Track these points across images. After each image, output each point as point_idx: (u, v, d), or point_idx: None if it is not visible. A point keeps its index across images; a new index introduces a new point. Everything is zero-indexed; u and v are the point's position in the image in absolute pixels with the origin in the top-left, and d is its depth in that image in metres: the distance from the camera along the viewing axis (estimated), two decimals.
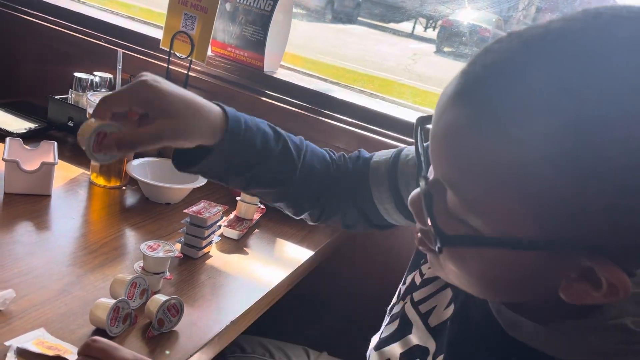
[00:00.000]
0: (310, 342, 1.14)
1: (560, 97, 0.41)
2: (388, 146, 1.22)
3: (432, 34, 2.59)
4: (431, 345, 0.67)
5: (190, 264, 0.96)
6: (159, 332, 0.77)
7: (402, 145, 1.21)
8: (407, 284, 0.76)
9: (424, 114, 0.55)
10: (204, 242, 0.98)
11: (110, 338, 0.73)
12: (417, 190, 0.52)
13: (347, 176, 0.86)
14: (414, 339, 0.70)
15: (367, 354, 0.78)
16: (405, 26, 2.67)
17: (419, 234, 0.55)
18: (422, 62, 2.48)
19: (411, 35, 2.64)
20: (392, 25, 2.70)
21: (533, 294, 0.50)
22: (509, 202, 0.44)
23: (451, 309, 0.66)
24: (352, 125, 1.28)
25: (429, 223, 0.48)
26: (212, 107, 0.72)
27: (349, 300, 1.34)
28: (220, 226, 1.04)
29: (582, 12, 0.45)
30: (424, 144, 0.53)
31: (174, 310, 0.78)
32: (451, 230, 0.48)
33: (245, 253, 1.05)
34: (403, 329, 0.72)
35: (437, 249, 0.47)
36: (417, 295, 0.72)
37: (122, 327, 0.75)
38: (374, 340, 0.79)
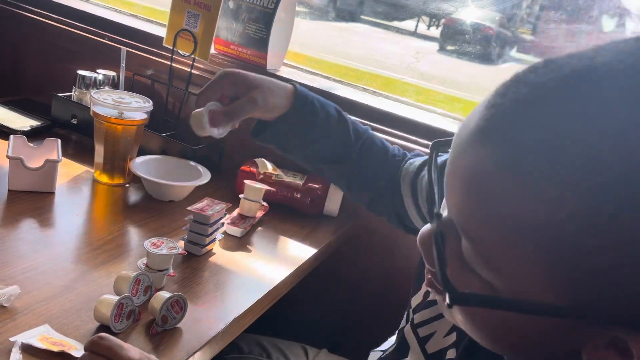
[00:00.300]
0: (310, 340, 1.14)
1: (605, 150, 0.35)
2: (392, 144, 1.22)
3: (435, 32, 2.59)
4: None
5: (194, 261, 0.96)
6: (162, 329, 0.77)
7: (408, 144, 1.22)
8: (412, 306, 0.73)
9: (441, 139, 0.48)
10: (207, 240, 0.98)
11: (114, 334, 0.73)
12: (428, 227, 0.46)
13: (395, 166, 0.91)
14: None
15: None
16: (409, 24, 2.66)
17: (428, 275, 0.50)
18: (425, 60, 2.47)
19: (414, 34, 2.64)
20: (395, 23, 2.70)
21: (550, 355, 0.44)
22: (532, 263, 0.38)
23: (451, 337, 0.63)
24: None
25: (439, 275, 0.42)
26: (286, 84, 0.88)
27: (350, 299, 1.34)
28: (223, 224, 1.04)
29: (636, 41, 0.39)
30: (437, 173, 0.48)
31: (178, 307, 0.79)
32: (463, 283, 0.43)
33: (248, 251, 1.05)
34: (399, 351, 0.70)
35: (446, 304, 0.41)
36: (417, 318, 0.69)
37: (125, 323, 0.76)
38: (374, 355, 0.77)
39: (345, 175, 0.92)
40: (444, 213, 0.45)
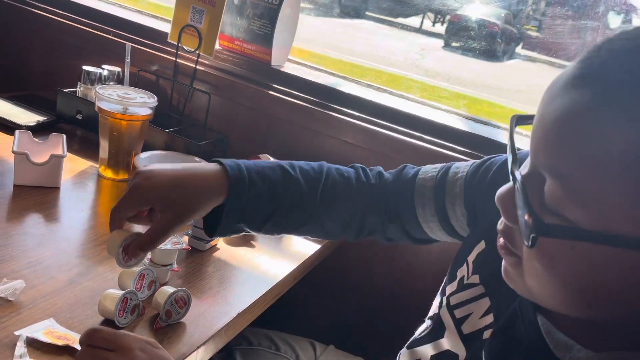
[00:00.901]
0: (316, 335, 1.15)
1: None
2: (395, 140, 1.22)
3: (440, 28, 2.58)
4: (461, 353, 0.66)
5: (198, 256, 0.97)
6: (166, 324, 0.78)
7: (413, 140, 1.22)
8: (446, 294, 0.73)
9: (520, 114, 0.52)
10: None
11: (118, 329, 0.73)
12: (508, 185, 0.50)
13: (389, 194, 0.82)
14: (445, 343, 0.68)
15: (398, 356, 0.76)
16: (414, 21, 2.66)
17: (501, 239, 0.52)
18: (430, 57, 2.47)
19: (419, 30, 2.63)
20: (400, 19, 2.69)
21: (626, 310, 0.45)
22: (623, 195, 0.41)
23: (487, 319, 0.64)
24: (360, 120, 1.28)
25: (525, 214, 0.45)
26: (212, 173, 0.74)
27: (355, 293, 1.34)
28: None
29: None
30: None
31: (182, 302, 0.79)
32: (547, 220, 0.45)
33: (252, 246, 1.05)
34: (436, 332, 0.71)
35: (529, 242, 0.44)
36: (453, 300, 0.70)
37: (130, 318, 0.76)
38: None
39: (320, 228, 0.83)
40: (523, 171, 0.48)
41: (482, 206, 0.73)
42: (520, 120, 0.52)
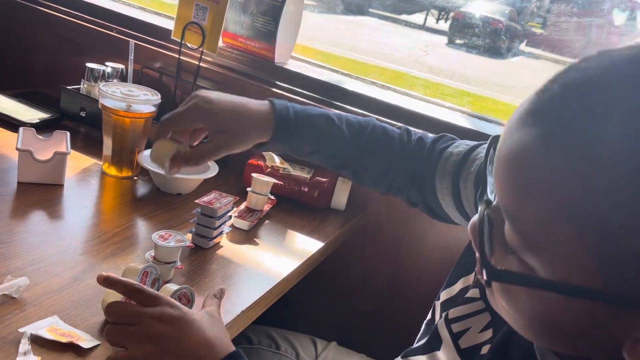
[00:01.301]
0: (318, 333, 1.15)
1: None
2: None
3: (444, 25, 2.57)
4: None
5: (201, 254, 0.97)
6: None
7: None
8: (441, 299, 0.74)
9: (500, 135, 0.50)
10: (215, 233, 0.98)
11: None
12: (477, 216, 0.48)
13: (418, 159, 0.86)
14: (441, 356, 0.67)
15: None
16: (417, 18, 2.65)
17: (478, 265, 0.51)
18: (433, 54, 2.46)
19: (423, 27, 2.63)
20: (403, 16, 2.69)
21: (590, 349, 0.45)
22: (572, 244, 0.39)
23: (487, 334, 0.63)
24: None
25: (479, 253, 0.44)
26: (263, 112, 0.81)
27: (357, 291, 1.34)
28: (230, 217, 1.04)
29: None
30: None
31: (185, 300, 0.79)
32: (503, 264, 0.44)
33: (256, 244, 1.05)
34: (432, 344, 0.70)
35: (484, 281, 0.44)
36: (452, 313, 0.69)
37: None
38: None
39: (354, 176, 0.91)
40: (494, 201, 0.47)
41: None
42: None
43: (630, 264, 0.37)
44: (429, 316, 0.77)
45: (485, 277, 0.43)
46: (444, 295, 0.73)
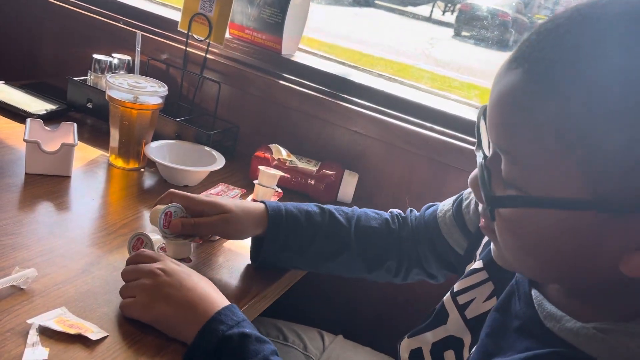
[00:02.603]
0: (325, 325, 1.15)
1: (619, 56, 0.43)
2: (406, 131, 1.22)
3: (450, 18, 2.56)
4: (466, 337, 0.68)
5: (208, 246, 0.97)
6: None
7: (424, 130, 1.21)
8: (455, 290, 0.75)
9: (484, 106, 0.56)
10: None
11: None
12: (475, 171, 0.55)
13: (418, 233, 0.92)
14: (449, 329, 0.70)
15: (399, 342, 0.79)
16: (423, 10, 2.64)
17: (482, 220, 0.57)
18: (440, 46, 2.45)
19: (429, 19, 2.62)
20: (409, 8, 2.67)
21: (591, 268, 0.49)
22: (559, 161, 0.45)
23: (491, 302, 0.66)
24: (371, 110, 1.27)
25: (482, 191, 0.50)
26: (257, 205, 0.90)
27: (364, 284, 1.34)
28: None
29: None
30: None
31: (168, 217, 0.85)
32: (507, 194, 0.50)
33: None
34: (438, 318, 0.73)
35: (488, 213, 0.50)
36: (457, 286, 0.72)
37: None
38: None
39: (354, 260, 0.92)
40: (489, 153, 0.54)
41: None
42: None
43: (613, 170, 0.43)
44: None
45: (489, 210, 0.50)
46: (457, 287, 0.75)
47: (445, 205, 0.92)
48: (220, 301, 0.74)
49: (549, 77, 0.45)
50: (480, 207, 0.58)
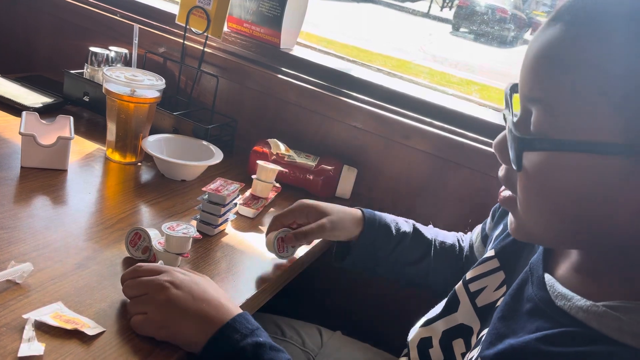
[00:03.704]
0: (324, 322, 1.14)
1: None
2: (405, 126, 1.21)
3: (448, 13, 2.56)
4: (475, 325, 0.69)
5: (206, 241, 0.96)
6: None
7: (423, 126, 1.20)
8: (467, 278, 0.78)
9: (514, 82, 0.59)
10: (220, 220, 0.97)
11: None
12: (501, 134, 0.57)
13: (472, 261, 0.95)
14: (459, 317, 0.72)
15: (410, 332, 0.80)
16: (421, 5, 2.64)
17: (502, 193, 0.60)
18: (437, 42, 2.45)
19: (427, 15, 2.61)
20: (407, 4, 2.67)
21: (611, 226, 0.51)
22: (595, 105, 0.47)
23: (501, 291, 0.67)
24: (370, 105, 1.27)
25: (512, 141, 0.52)
26: (353, 209, 0.98)
27: (363, 280, 1.34)
28: (236, 204, 1.03)
29: None
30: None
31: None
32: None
33: (261, 231, 1.04)
34: (449, 307, 0.75)
35: (517, 164, 0.52)
36: (469, 274, 0.74)
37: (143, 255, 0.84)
38: (421, 320, 0.81)
39: (429, 272, 0.99)
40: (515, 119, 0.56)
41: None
42: (514, 87, 0.59)
43: None
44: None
45: (519, 150, 0.51)
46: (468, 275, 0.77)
47: (478, 229, 0.98)
48: (233, 309, 0.72)
49: (590, 25, 0.48)
50: (502, 172, 0.59)
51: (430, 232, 1.01)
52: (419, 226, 1.01)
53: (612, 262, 0.54)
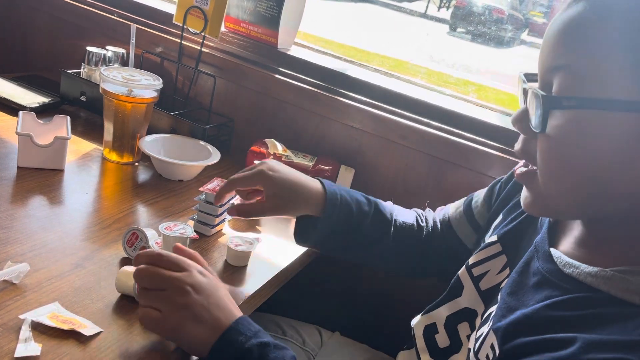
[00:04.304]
0: (323, 322, 1.14)
1: None
2: (402, 126, 1.21)
3: (445, 14, 2.56)
4: (480, 308, 0.71)
5: (203, 241, 0.96)
6: None
7: (420, 126, 1.20)
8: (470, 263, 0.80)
9: (530, 72, 0.63)
10: (217, 220, 0.97)
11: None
12: (517, 111, 0.61)
13: (437, 231, 0.97)
14: (463, 301, 0.74)
15: (412, 322, 0.82)
16: (419, 5, 2.64)
17: (519, 169, 0.62)
18: (434, 42, 2.44)
19: (424, 15, 2.61)
20: (405, 4, 2.67)
21: (625, 186, 0.54)
22: (615, 65, 0.51)
23: (503, 274, 0.70)
24: (367, 105, 1.27)
25: (537, 104, 0.55)
26: (314, 185, 0.92)
27: (361, 281, 1.34)
28: (233, 204, 1.03)
29: None
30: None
31: (134, 237, 0.83)
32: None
33: (258, 232, 1.04)
34: (453, 292, 0.77)
35: (541, 124, 0.55)
36: (472, 259, 0.76)
37: None
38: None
39: (388, 252, 0.96)
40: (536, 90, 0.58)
41: (503, 196, 0.85)
42: (529, 76, 0.63)
43: None
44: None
45: (544, 108, 0.55)
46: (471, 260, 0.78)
47: (456, 204, 0.98)
48: (236, 312, 0.71)
49: (611, 3, 0.53)
50: (519, 145, 0.62)
51: (390, 210, 0.97)
52: (380, 204, 0.97)
53: (616, 232, 0.57)
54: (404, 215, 0.98)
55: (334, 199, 0.91)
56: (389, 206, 0.98)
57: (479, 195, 0.94)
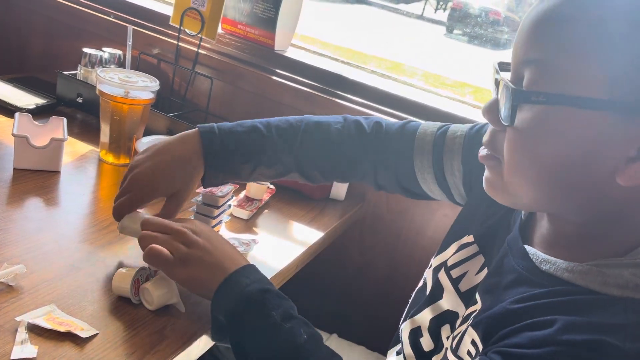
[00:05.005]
0: (319, 324, 1.14)
1: None
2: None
3: (442, 16, 2.56)
4: (460, 310, 0.71)
5: None
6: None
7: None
8: (432, 266, 0.79)
9: (505, 61, 0.61)
10: (214, 222, 0.97)
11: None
12: (489, 101, 0.59)
13: (383, 144, 0.88)
14: (444, 304, 0.73)
15: (400, 325, 0.82)
16: (415, 7, 2.64)
17: (483, 150, 0.61)
18: (431, 44, 2.45)
19: (421, 17, 2.61)
20: (401, 6, 2.67)
21: (590, 186, 0.53)
22: (584, 63, 0.50)
23: (482, 274, 0.69)
24: (364, 106, 1.27)
25: (507, 98, 0.54)
26: (188, 150, 0.82)
27: (356, 283, 1.34)
28: (230, 206, 1.03)
29: None
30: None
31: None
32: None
33: (255, 233, 1.04)
34: (434, 295, 0.76)
35: (510, 118, 0.54)
36: (450, 261, 0.75)
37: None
38: (406, 313, 0.82)
39: (307, 178, 0.90)
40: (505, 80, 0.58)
41: (479, 170, 0.75)
42: (503, 65, 0.61)
43: (632, 72, 0.49)
44: (420, 284, 0.82)
45: (514, 102, 0.54)
46: (435, 262, 0.79)
47: (429, 128, 0.88)
48: (243, 261, 0.76)
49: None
50: (487, 137, 0.61)
51: (294, 125, 0.87)
52: (282, 131, 0.86)
53: (586, 229, 0.57)
54: (318, 125, 0.88)
55: (210, 139, 0.82)
56: (293, 121, 0.88)
57: (456, 150, 0.84)
